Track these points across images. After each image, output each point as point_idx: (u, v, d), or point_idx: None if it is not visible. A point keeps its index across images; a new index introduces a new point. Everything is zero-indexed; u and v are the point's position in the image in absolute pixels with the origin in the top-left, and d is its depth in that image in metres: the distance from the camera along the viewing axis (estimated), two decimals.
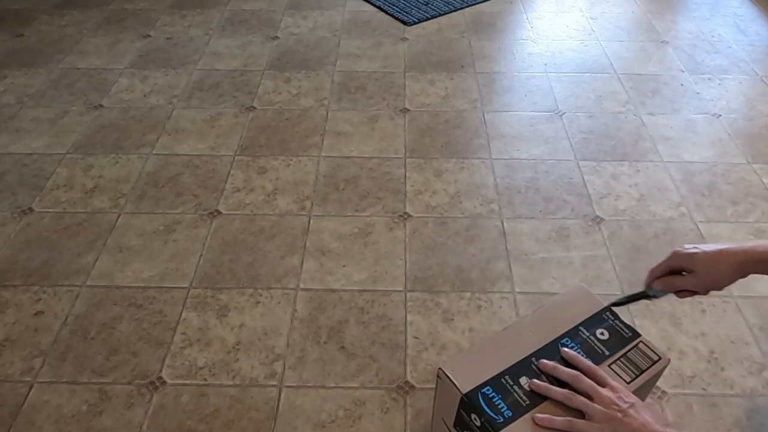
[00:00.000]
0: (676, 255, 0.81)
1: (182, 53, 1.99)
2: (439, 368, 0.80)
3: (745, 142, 1.62)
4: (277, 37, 2.09)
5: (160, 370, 1.07)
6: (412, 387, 1.05)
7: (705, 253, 0.78)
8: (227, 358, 1.09)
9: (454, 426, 0.82)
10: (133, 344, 1.12)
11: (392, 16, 2.22)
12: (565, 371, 0.76)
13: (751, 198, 1.44)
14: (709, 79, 1.88)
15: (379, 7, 2.27)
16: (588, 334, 0.82)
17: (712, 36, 2.11)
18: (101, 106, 1.75)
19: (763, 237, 1.33)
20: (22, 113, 1.71)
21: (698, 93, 1.81)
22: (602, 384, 0.73)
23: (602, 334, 0.82)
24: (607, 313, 0.85)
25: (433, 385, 1.04)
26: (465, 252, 1.30)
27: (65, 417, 1.00)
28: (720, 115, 1.72)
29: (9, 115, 1.70)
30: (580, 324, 0.84)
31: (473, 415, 0.76)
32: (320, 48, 2.03)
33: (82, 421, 1.00)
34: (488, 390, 0.76)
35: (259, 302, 1.19)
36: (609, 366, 0.78)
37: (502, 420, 0.73)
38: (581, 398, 0.72)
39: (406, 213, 1.39)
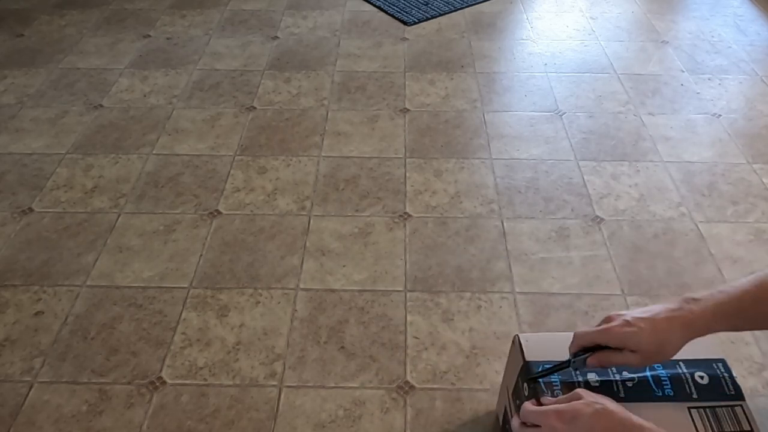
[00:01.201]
0: (612, 332, 0.70)
1: (182, 53, 1.99)
2: (516, 335, 0.81)
3: (745, 142, 1.62)
4: (277, 37, 2.09)
5: (160, 370, 1.07)
6: (412, 387, 1.05)
7: (652, 330, 0.68)
8: (227, 358, 1.09)
9: (512, 394, 0.82)
10: (133, 344, 1.12)
11: (392, 16, 2.22)
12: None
13: (751, 198, 1.44)
14: (709, 79, 1.88)
15: (379, 7, 2.27)
16: (685, 370, 0.75)
17: (712, 36, 2.11)
18: (101, 106, 1.75)
19: (763, 237, 1.33)
20: (22, 113, 1.71)
21: (698, 93, 1.81)
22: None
23: (702, 378, 0.74)
24: (721, 365, 0.76)
25: (434, 385, 1.05)
26: (465, 252, 1.30)
27: (65, 417, 1.00)
28: (720, 115, 1.72)
29: (9, 115, 1.70)
30: (683, 360, 0.75)
31: (525, 385, 0.75)
32: (320, 48, 2.03)
33: (82, 421, 1.00)
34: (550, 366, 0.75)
35: (259, 302, 1.19)
36: (689, 408, 0.71)
37: (549, 395, 0.72)
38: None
39: (406, 213, 1.39)
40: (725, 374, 0.74)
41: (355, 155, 1.56)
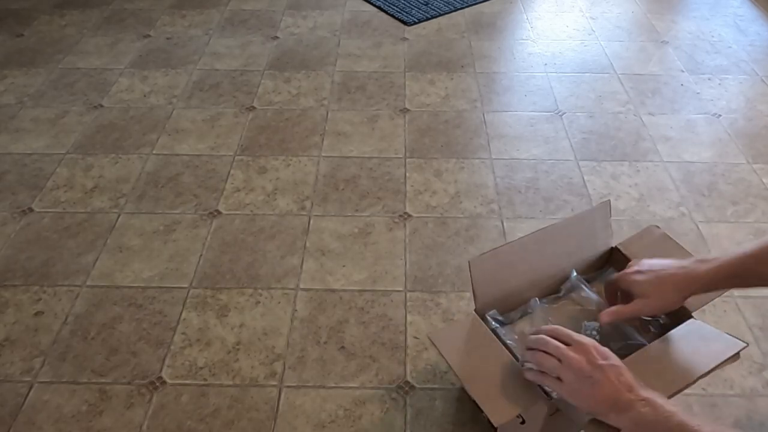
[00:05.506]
0: (623, 277, 0.80)
1: (182, 53, 1.99)
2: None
3: (745, 142, 1.62)
4: (277, 37, 2.09)
5: (160, 370, 1.07)
6: (412, 387, 1.05)
7: (656, 279, 0.77)
8: (227, 358, 1.09)
9: None
10: (133, 344, 1.12)
11: (392, 16, 2.22)
12: (531, 339, 0.74)
13: (751, 198, 1.44)
14: (709, 79, 1.87)
15: (379, 7, 2.27)
16: None
17: (712, 36, 2.11)
18: (101, 106, 1.75)
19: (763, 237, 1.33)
20: (22, 113, 1.71)
21: (698, 93, 1.81)
22: (567, 343, 0.71)
23: None
24: None
25: (434, 385, 1.05)
26: (465, 252, 1.30)
27: (65, 417, 1.00)
28: (720, 115, 1.72)
29: (9, 115, 1.70)
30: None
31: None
32: (320, 48, 2.03)
33: (82, 421, 1.00)
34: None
35: (259, 302, 1.19)
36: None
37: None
38: (553, 361, 0.70)
39: (406, 213, 1.39)
40: None
41: (355, 155, 1.56)
